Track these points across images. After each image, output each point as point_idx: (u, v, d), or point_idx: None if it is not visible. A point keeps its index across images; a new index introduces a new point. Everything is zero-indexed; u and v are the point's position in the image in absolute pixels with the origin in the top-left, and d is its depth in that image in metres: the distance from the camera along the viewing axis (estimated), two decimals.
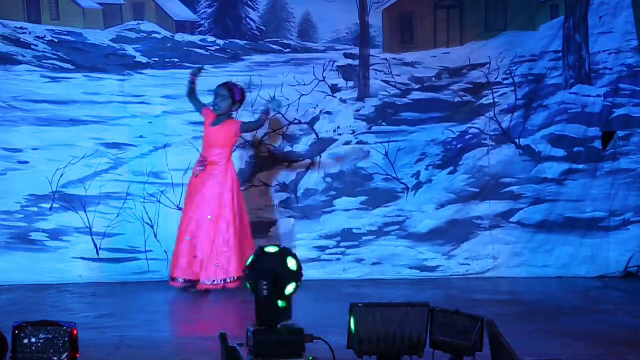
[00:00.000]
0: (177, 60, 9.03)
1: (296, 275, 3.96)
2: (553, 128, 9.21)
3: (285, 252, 4.00)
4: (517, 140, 9.19)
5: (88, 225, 8.83)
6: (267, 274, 3.93)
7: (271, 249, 4.01)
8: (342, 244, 9.09)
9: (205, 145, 8.19)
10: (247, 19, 9.21)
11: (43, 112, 8.87)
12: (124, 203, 8.86)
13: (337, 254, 9.07)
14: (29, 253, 8.75)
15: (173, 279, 8.08)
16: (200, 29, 9.13)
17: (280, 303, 3.94)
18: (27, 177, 8.80)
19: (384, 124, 9.21)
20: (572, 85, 9.21)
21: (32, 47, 8.90)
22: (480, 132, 9.20)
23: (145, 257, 8.79)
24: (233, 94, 8.14)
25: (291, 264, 3.96)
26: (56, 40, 8.94)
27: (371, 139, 9.19)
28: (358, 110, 9.20)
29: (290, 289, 3.94)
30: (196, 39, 9.10)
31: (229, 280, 7.96)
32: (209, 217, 7.98)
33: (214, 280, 7.95)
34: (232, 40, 9.14)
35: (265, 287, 3.91)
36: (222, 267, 7.95)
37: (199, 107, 8.25)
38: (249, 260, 4.00)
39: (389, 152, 9.15)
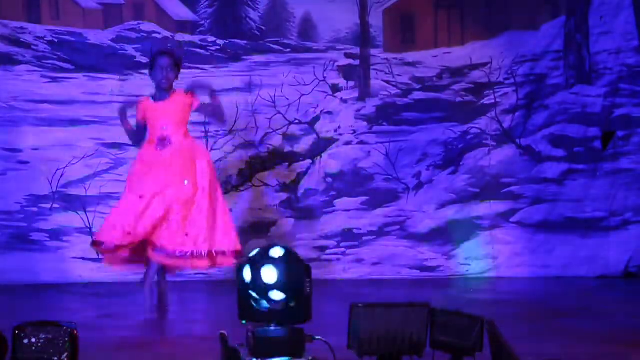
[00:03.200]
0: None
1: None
2: (553, 128, 9.21)
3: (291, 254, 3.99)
4: (517, 140, 9.19)
5: (88, 225, 8.83)
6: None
7: (277, 252, 3.99)
8: (342, 244, 9.09)
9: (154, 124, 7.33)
10: (247, 19, 9.21)
11: (43, 112, 8.87)
12: None
13: (337, 254, 9.07)
14: (29, 253, 8.75)
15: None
16: (200, 28, 9.13)
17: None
18: (27, 177, 8.80)
19: (384, 123, 9.21)
20: (573, 85, 9.21)
21: (32, 47, 8.90)
22: (481, 132, 9.19)
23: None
24: (178, 60, 7.44)
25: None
26: (56, 40, 8.94)
27: (372, 139, 9.18)
28: (359, 110, 9.20)
29: (276, 296, 3.93)
30: (196, 39, 9.10)
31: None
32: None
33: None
34: (232, 40, 9.14)
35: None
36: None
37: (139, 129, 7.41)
38: (254, 253, 3.99)
39: (389, 152, 9.15)
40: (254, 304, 3.92)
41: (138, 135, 7.38)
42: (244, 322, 3.96)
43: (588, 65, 9.20)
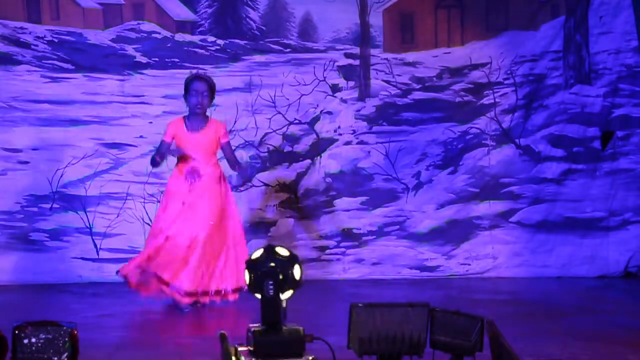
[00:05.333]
0: (177, 60, 9.02)
1: (297, 284, 3.99)
2: (553, 128, 9.21)
3: (271, 247, 4.02)
4: (517, 140, 9.19)
5: (88, 225, 8.83)
6: (273, 273, 3.94)
7: (283, 251, 4.02)
8: (342, 244, 9.09)
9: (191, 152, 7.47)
10: (247, 19, 9.21)
11: (43, 112, 8.87)
12: (124, 203, 8.87)
13: (337, 254, 9.08)
14: (29, 253, 8.76)
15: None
16: (200, 29, 9.13)
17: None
18: (27, 177, 8.81)
19: (384, 123, 9.21)
20: (572, 85, 9.21)
21: (32, 47, 8.90)
22: (481, 132, 9.19)
23: None
24: (212, 86, 7.51)
25: (296, 272, 3.98)
26: (56, 40, 8.94)
27: (371, 139, 9.18)
28: (358, 110, 9.20)
29: (287, 295, 3.96)
30: (196, 39, 9.10)
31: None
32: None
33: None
34: (232, 40, 9.14)
35: (271, 287, 3.93)
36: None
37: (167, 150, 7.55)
38: (257, 254, 4.01)
39: (389, 152, 9.15)
40: None
41: (162, 154, 7.52)
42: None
43: (587, 66, 9.20)
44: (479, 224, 9.15)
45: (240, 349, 3.98)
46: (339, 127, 9.19)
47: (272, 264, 3.97)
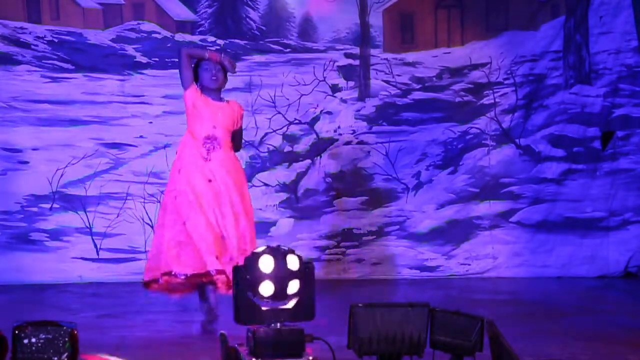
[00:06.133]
0: (177, 60, 9.00)
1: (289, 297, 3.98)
2: (553, 128, 9.21)
3: (297, 275, 3.99)
4: (517, 140, 9.19)
5: (88, 225, 8.83)
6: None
7: (293, 263, 4.00)
8: (342, 244, 9.09)
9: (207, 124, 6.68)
10: (247, 19, 9.21)
11: (43, 112, 8.87)
12: (124, 203, 8.87)
13: (337, 254, 9.08)
14: (29, 253, 8.76)
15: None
16: (200, 28, 9.13)
17: None
18: (27, 177, 8.81)
19: (384, 124, 9.21)
20: (572, 85, 9.21)
21: (32, 47, 8.90)
22: (480, 132, 9.19)
23: (146, 257, 8.77)
24: (225, 67, 6.80)
25: (292, 263, 3.98)
26: (56, 40, 8.94)
27: (371, 139, 9.19)
28: (358, 110, 9.20)
29: (293, 287, 3.95)
30: (196, 39, 9.10)
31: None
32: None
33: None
34: (232, 40, 9.14)
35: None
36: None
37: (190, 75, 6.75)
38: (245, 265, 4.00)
39: (389, 152, 9.15)
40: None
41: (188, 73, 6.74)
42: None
43: (587, 66, 9.20)
44: (479, 224, 9.15)
45: (240, 349, 3.98)
46: (339, 127, 9.19)
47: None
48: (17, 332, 3.86)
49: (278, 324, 4.00)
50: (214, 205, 6.59)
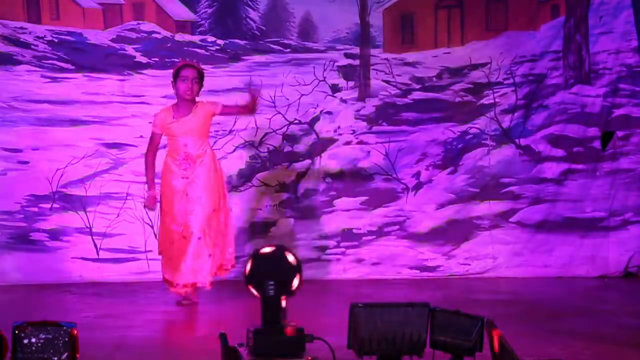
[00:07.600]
0: (177, 60, 9.00)
1: (298, 268, 3.98)
2: (553, 128, 9.21)
3: (282, 249, 4.01)
4: (517, 140, 9.19)
5: (88, 225, 8.83)
6: (270, 274, 3.94)
7: (267, 250, 4.02)
8: (342, 244, 9.09)
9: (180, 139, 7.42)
10: (247, 19, 9.21)
11: (43, 112, 8.87)
12: (124, 203, 8.87)
13: (337, 254, 9.08)
14: (29, 253, 8.76)
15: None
16: (200, 29, 9.14)
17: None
18: (27, 177, 8.81)
19: (384, 124, 9.21)
20: (572, 85, 9.21)
21: (32, 47, 8.90)
22: (480, 132, 9.20)
23: (145, 257, 8.79)
24: (202, 74, 7.50)
25: (291, 259, 3.98)
26: (56, 40, 8.94)
27: (371, 138, 9.19)
28: (358, 110, 9.20)
29: (295, 283, 3.95)
30: (196, 39, 9.10)
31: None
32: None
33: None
34: (232, 40, 9.14)
35: (272, 287, 3.93)
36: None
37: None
38: (248, 266, 4.00)
39: (389, 152, 9.15)
40: None
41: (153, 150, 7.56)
42: None
43: (587, 66, 9.20)
44: (479, 224, 9.15)
45: (240, 349, 3.98)
46: (338, 127, 9.19)
47: (278, 266, 3.96)
48: (17, 332, 3.85)
49: (278, 324, 3.99)
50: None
